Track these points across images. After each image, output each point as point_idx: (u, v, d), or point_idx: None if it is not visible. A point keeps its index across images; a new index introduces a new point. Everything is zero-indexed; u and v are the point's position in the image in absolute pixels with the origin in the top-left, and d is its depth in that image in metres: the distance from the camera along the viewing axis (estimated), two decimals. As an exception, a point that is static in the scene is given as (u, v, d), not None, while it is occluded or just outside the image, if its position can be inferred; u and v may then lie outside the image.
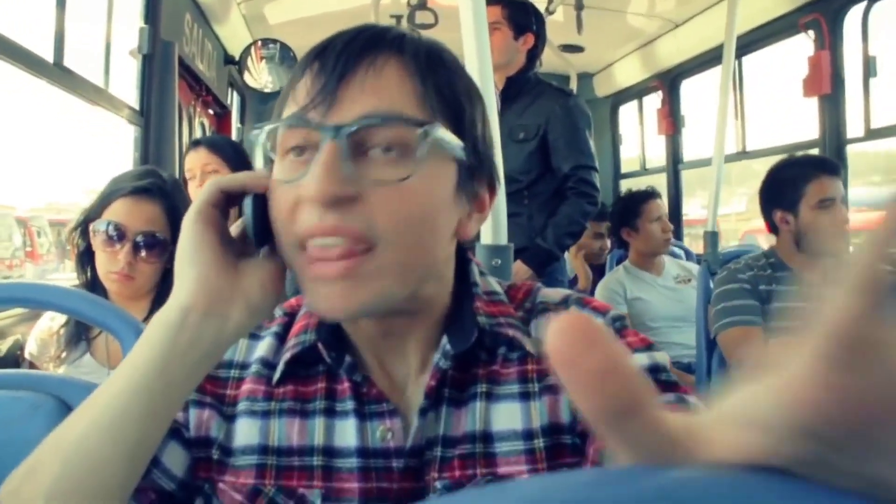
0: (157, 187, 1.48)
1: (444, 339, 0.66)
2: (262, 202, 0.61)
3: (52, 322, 1.53)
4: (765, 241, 2.89)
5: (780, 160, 2.09)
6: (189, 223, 0.60)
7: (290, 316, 0.73)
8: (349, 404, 0.67)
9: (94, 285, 1.51)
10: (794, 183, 1.98)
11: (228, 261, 0.60)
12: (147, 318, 1.48)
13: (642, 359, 0.65)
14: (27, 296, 1.09)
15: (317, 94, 0.59)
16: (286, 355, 0.68)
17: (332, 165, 0.56)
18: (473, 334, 0.66)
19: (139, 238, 1.44)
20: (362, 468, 0.66)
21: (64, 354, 1.49)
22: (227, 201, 0.62)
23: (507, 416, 0.66)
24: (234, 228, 0.63)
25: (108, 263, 1.45)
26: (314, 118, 0.58)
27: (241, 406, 0.69)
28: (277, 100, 0.65)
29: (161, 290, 1.51)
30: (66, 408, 1.01)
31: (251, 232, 0.61)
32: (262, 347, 0.72)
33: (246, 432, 0.68)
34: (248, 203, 0.61)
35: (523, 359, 0.68)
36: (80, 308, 1.06)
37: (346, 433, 0.66)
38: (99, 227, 1.45)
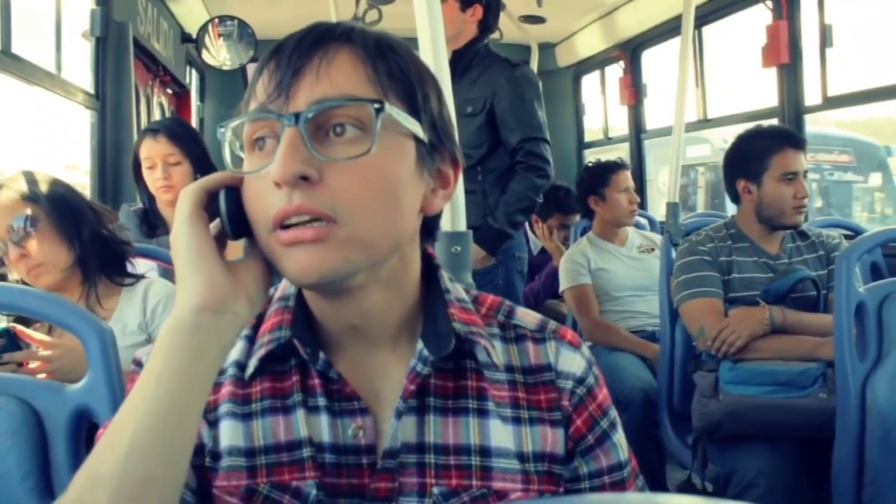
0: None
1: (420, 345, 0.69)
2: (234, 196, 0.64)
3: None
4: None
5: (746, 130, 2.11)
6: (184, 228, 0.62)
7: (258, 318, 0.73)
8: (320, 400, 0.69)
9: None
10: (759, 154, 2.02)
11: (224, 260, 0.63)
12: (87, 297, 1.53)
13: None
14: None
15: (274, 88, 0.63)
16: (260, 351, 0.69)
17: (293, 148, 0.60)
18: (451, 341, 0.68)
19: (11, 236, 1.45)
20: (334, 464, 0.67)
21: None
22: (210, 201, 0.64)
23: (502, 434, 0.70)
24: (212, 228, 0.65)
25: (17, 272, 1.48)
26: (273, 109, 0.62)
27: (223, 409, 0.70)
28: (242, 101, 0.68)
29: (82, 262, 1.52)
30: (27, 408, 1.00)
31: (227, 224, 0.64)
32: (235, 351, 0.72)
33: (230, 435, 0.68)
34: (221, 197, 0.64)
35: (513, 384, 0.72)
36: (39, 308, 1.06)
37: (321, 428, 0.68)
38: None
